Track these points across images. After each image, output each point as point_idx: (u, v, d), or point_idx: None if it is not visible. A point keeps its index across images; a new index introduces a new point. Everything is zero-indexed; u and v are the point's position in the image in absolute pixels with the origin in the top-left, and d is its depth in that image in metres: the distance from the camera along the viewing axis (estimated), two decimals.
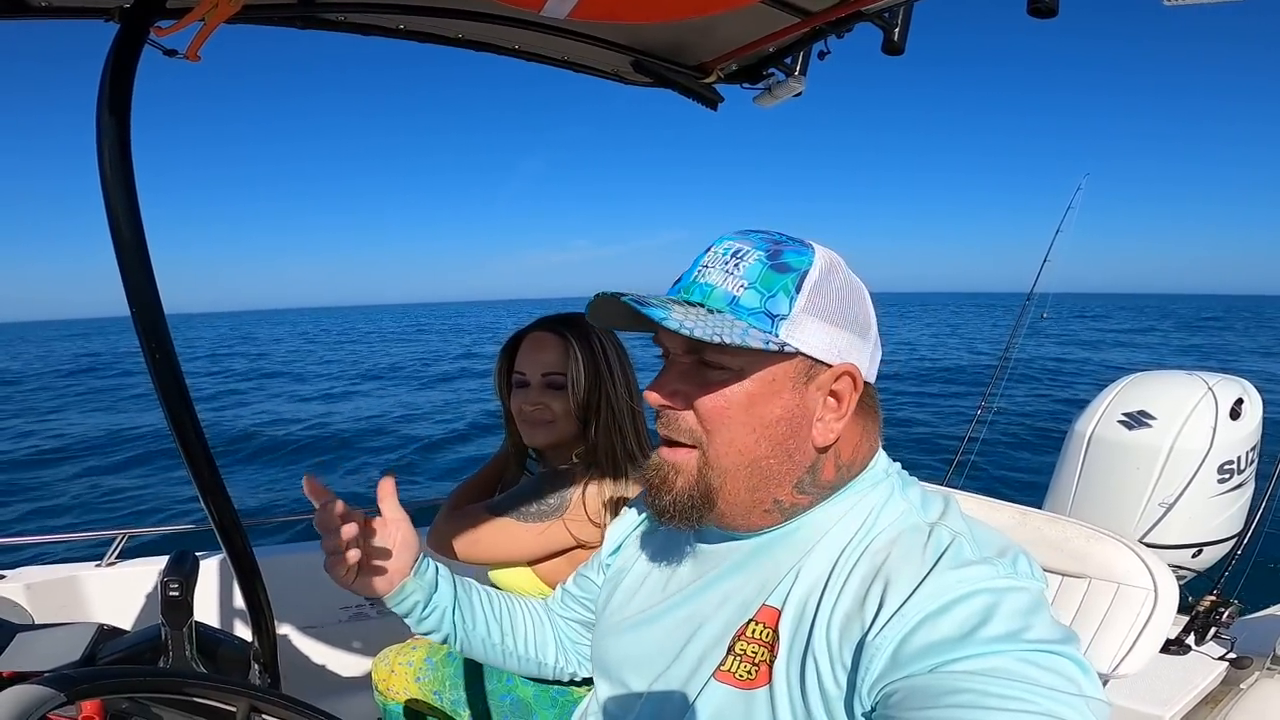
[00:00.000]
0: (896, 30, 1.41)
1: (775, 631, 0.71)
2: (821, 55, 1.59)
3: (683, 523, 0.76)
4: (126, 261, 1.05)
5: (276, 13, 1.22)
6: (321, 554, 0.86)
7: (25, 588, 1.87)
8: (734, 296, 0.71)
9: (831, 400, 0.74)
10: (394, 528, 0.90)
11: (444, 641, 0.98)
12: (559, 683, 1.18)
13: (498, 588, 1.26)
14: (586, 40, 1.51)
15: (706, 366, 0.73)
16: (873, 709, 0.61)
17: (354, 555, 0.85)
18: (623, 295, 0.71)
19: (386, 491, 0.91)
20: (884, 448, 0.81)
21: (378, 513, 0.91)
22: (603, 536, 1.02)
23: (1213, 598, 1.89)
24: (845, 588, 0.68)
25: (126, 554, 2.07)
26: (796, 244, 0.74)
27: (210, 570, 2.03)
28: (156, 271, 1.08)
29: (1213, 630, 1.87)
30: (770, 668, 0.69)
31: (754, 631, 0.72)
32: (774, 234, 0.75)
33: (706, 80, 1.68)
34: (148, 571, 2.04)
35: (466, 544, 1.34)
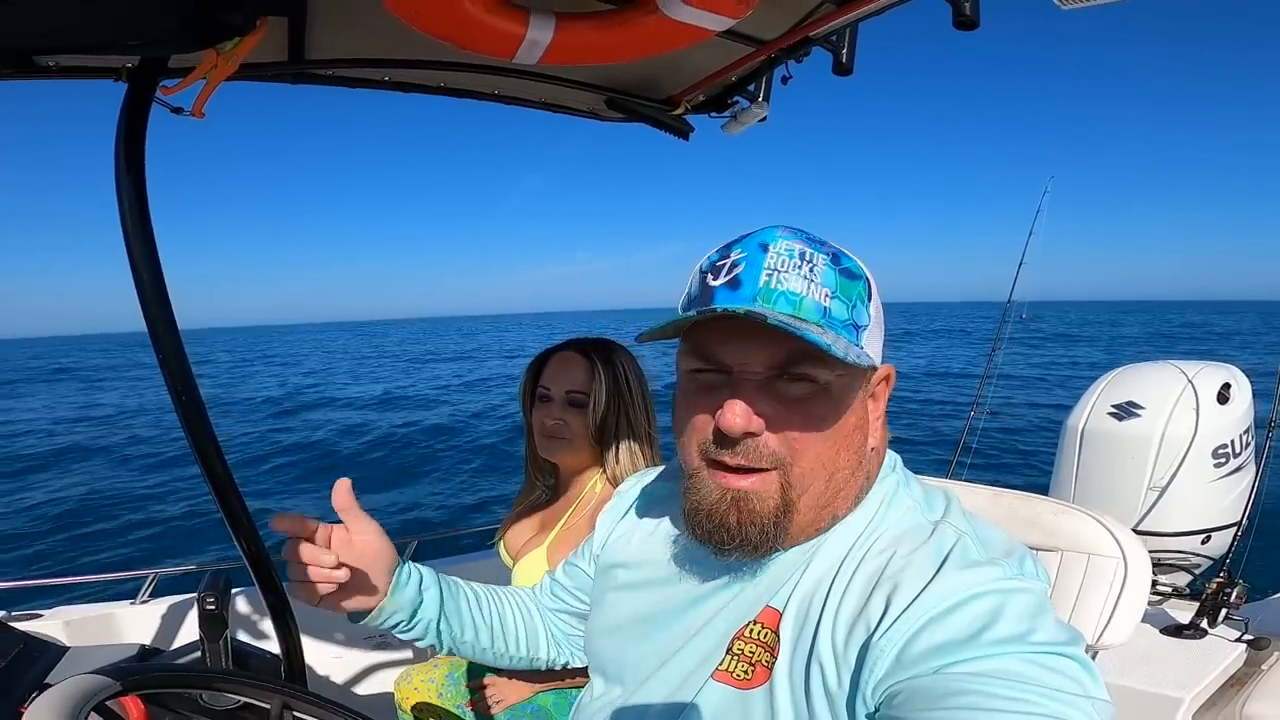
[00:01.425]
0: (844, 52, 1.48)
1: (776, 633, 0.70)
2: (784, 80, 1.68)
3: (760, 554, 0.71)
4: (150, 310, 1.12)
5: (270, 70, 1.32)
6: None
7: (64, 625, 1.95)
8: (824, 307, 0.67)
9: (873, 402, 0.74)
10: (361, 544, 0.82)
11: (430, 647, 0.95)
12: (558, 673, 1.22)
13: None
14: (560, 83, 1.60)
15: (784, 380, 0.68)
16: (876, 709, 0.60)
17: (324, 587, 0.79)
18: (768, 317, 0.62)
19: (345, 502, 0.81)
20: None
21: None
22: None
23: (1219, 579, 1.90)
24: (850, 588, 0.67)
25: (158, 592, 2.15)
26: (837, 247, 0.72)
27: (240, 602, 2.11)
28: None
29: (1224, 612, 1.87)
30: (770, 669, 0.69)
31: (752, 632, 0.72)
32: (811, 234, 0.71)
33: (676, 112, 1.77)
34: (181, 607, 2.12)
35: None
